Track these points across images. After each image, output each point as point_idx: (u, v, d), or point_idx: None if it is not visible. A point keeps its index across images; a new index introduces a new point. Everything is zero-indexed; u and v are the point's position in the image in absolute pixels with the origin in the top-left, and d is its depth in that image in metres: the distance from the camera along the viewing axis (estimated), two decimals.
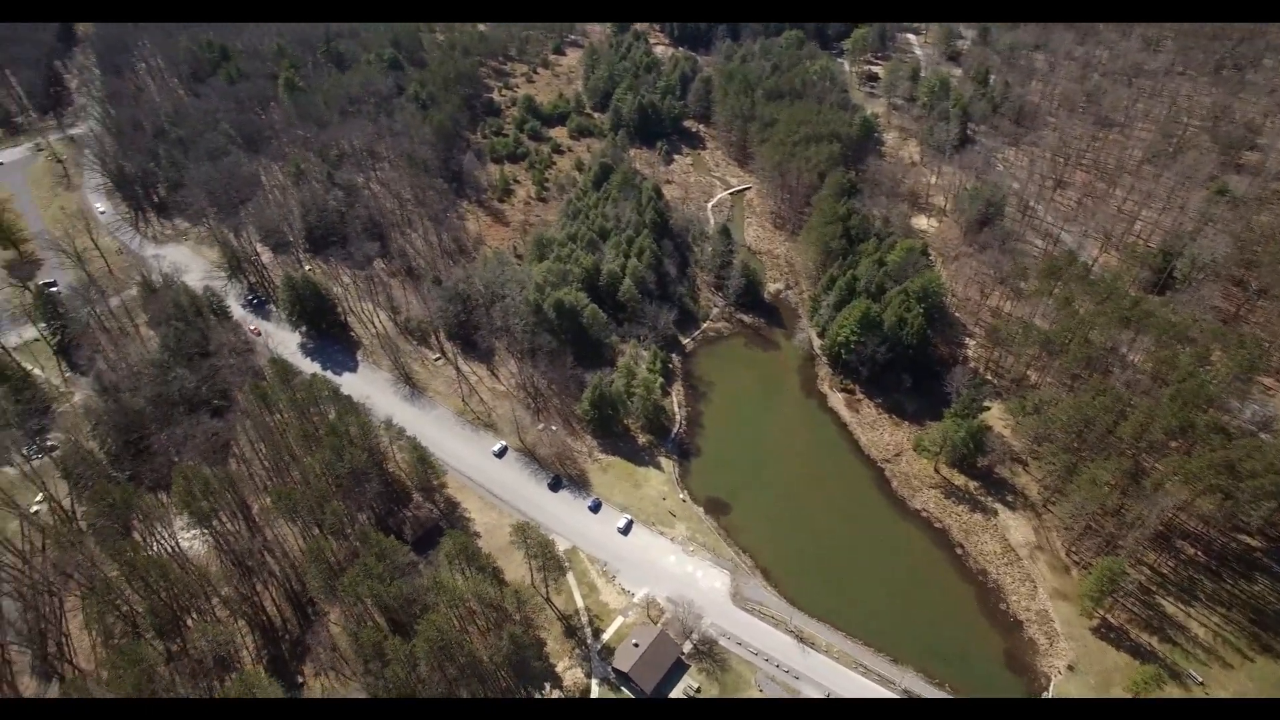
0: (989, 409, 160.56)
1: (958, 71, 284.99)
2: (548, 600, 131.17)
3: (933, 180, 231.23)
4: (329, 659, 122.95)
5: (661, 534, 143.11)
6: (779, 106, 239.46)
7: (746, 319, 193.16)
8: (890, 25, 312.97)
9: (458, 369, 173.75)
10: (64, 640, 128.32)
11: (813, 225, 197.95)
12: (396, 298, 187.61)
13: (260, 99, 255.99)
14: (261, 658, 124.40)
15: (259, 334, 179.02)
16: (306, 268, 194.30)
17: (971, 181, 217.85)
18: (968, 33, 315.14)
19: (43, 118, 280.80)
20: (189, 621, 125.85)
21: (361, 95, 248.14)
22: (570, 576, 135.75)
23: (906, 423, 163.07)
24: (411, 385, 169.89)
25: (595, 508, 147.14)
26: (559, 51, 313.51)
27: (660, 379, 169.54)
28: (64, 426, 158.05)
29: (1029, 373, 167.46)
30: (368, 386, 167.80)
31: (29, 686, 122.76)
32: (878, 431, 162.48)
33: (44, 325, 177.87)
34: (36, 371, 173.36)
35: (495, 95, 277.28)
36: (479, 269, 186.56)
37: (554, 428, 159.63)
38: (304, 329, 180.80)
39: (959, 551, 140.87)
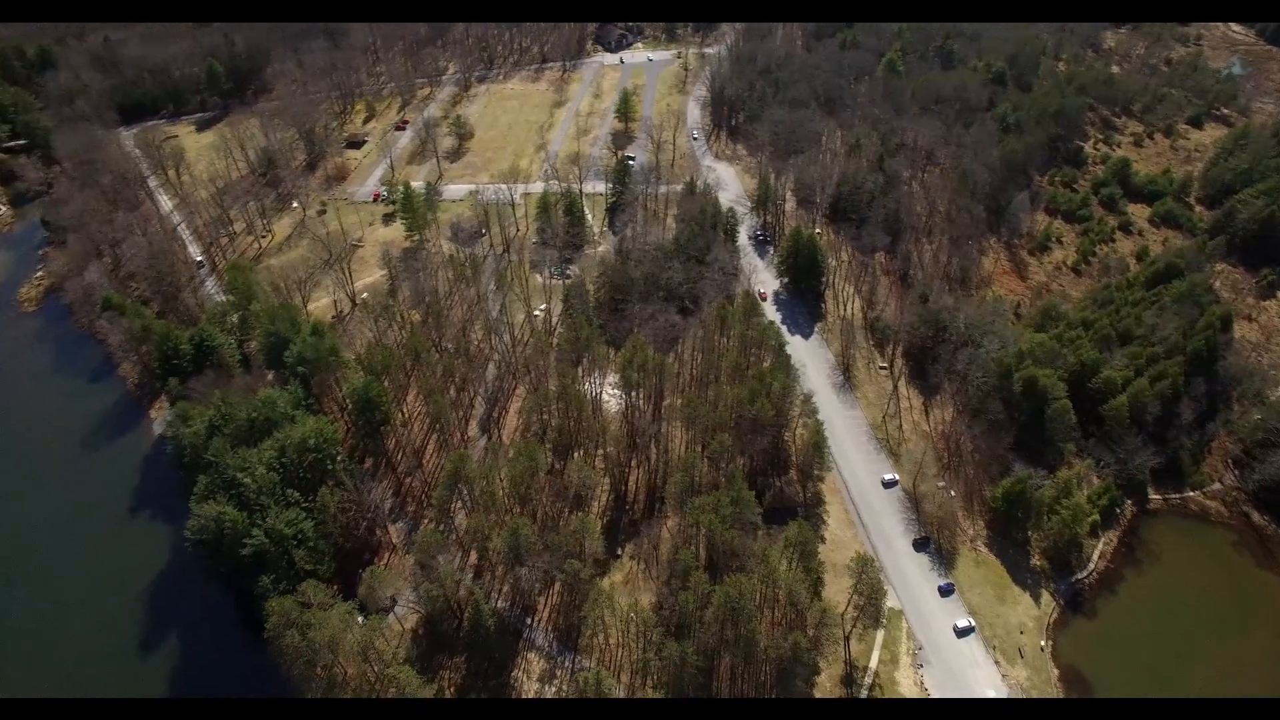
0: None
1: None
2: (845, 640, 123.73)
3: None
4: (646, 554, 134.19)
5: (997, 663, 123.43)
6: None
7: (1256, 517, 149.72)
8: None
9: (895, 387, 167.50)
10: (502, 413, 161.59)
11: None
12: (878, 294, 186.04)
13: (859, 70, 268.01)
14: (603, 516, 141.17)
15: (765, 298, 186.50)
16: (816, 230, 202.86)
17: None
18: None
19: (694, 34, 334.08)
20: (575, 455, 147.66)
21: (949, 97, 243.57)
22: (879, 635, 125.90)
23: None
24: (846, 377, 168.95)
25: (945, 591, 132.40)
26: (1195, 123, 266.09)
27: (1097, 517, 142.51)
28: (582, 265, 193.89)
29: None
30: (808, 357, 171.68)
31: (473, 431, 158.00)
32: None
33: (610, 185, 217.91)
34: (589, 217, 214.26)
35: (1088, 146, 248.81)
36: (970, 307, 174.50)
37: (953, 493, 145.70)
38: (786, 280, 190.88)
39: None
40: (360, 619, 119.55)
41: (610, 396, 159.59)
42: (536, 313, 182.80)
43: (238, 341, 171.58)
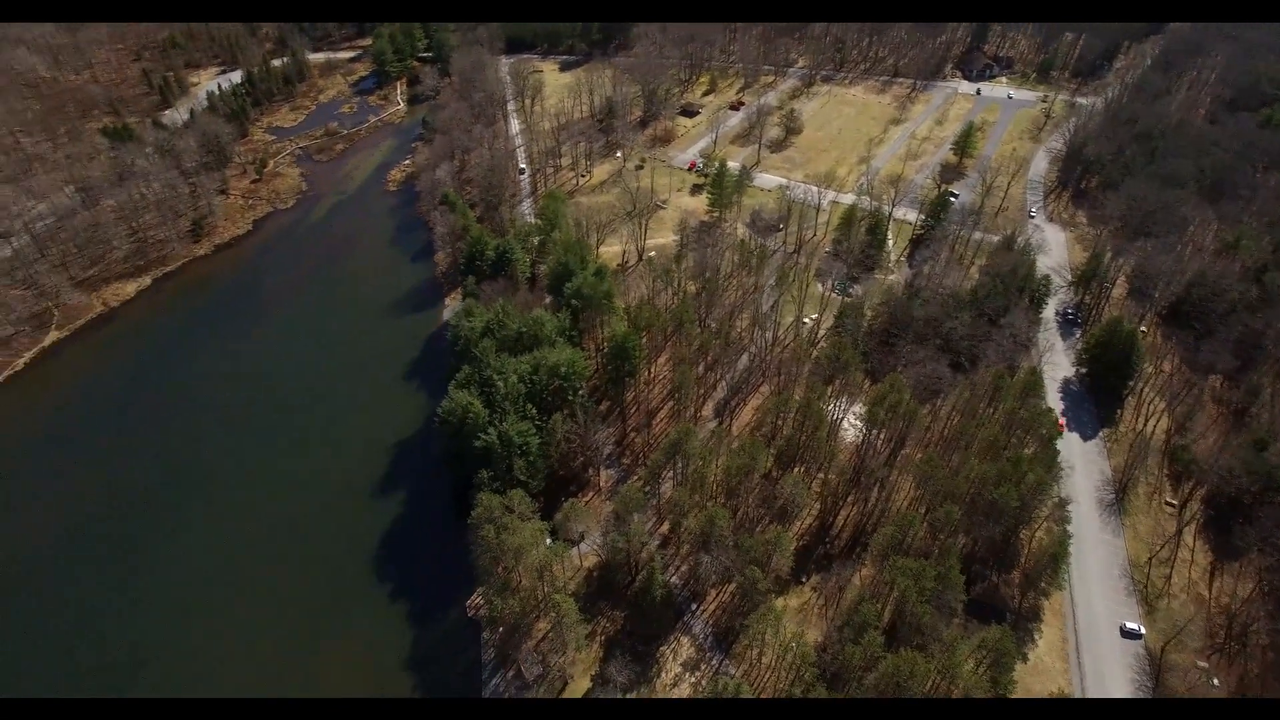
0: None
1: None
2: None
3: None
4: (830, 592, 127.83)
5: None
6: None
7: None
8: None
9: (1179, 532, 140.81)
10: (740, 405, 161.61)
11: None
12: (1195, 421, 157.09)
13: (1276, 156, 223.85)
14: (801, 538, 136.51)
15: (1063, 429, 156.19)
16: (1142, 328, 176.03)
17: None
18: None
19: (1071, 79, 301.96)
20: (795, 469, 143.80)
21: None
22: None
23: None
24: (1118, 499, 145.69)
25: None
26: None
27: None
28: (866, 287, 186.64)
29: None
30: (1080, 460, 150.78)
31: (707, 412, 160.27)
32: None
33: (923, 216, 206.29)
34: (890, 242, 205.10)
35: None
36: None
37: (1216, 682, 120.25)
38: (1083, 371, 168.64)
39: None
40: (548, 541, 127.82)
41: (850, 426, 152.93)
42: (806, 320, 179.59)
43: (531, 261, 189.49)
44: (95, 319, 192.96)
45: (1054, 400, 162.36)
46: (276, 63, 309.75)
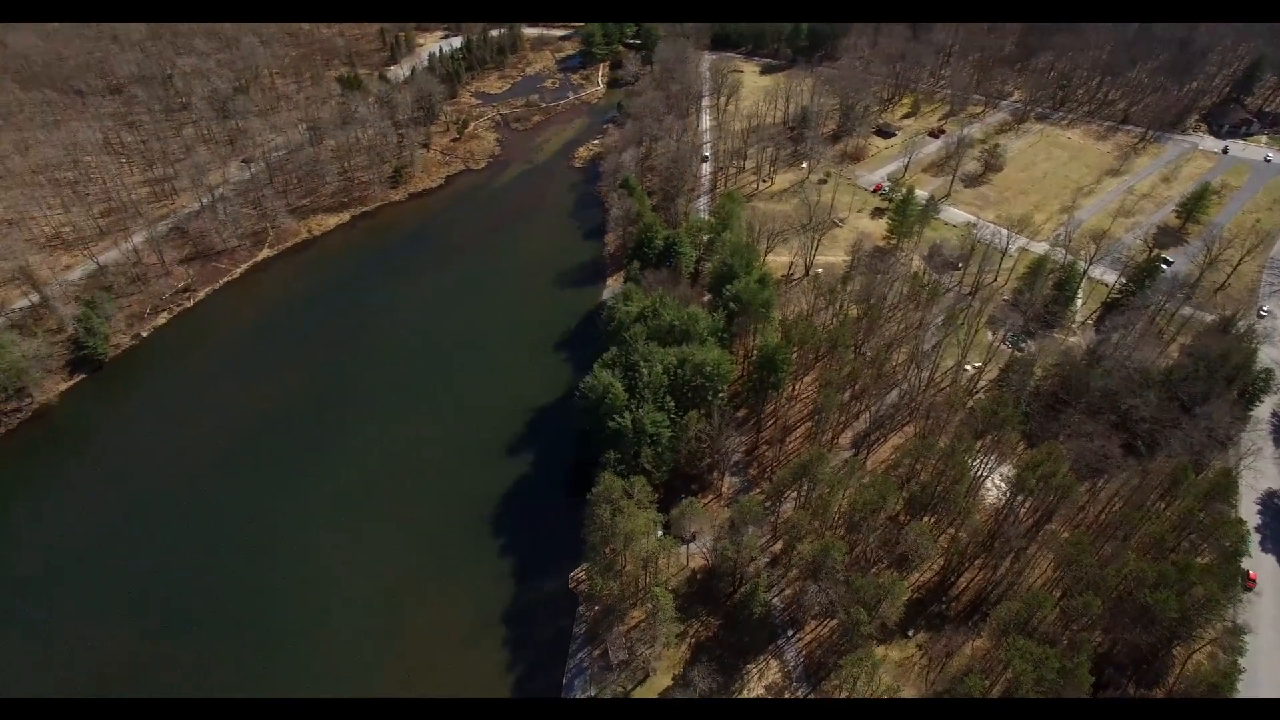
0: None
1: None
2: None
3: None
4: (936, 654, 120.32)
5: None
6: None
7: None
8: None
9: None
10: (880, 441, 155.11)
11: None
12: None
13: None
14: (916, 590, 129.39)
15: (1251, 585, 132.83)
16: None
17: None
18: None
19: None
20: (926, 519, 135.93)
21: None
22: None
23: None
24: None
25: None
26: None
27: None
28: (1041, 345, 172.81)
29: None
30: (1269, 584, 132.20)
31: (844, 440, 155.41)
32: None
33: (1124, 280, 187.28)
34: (1078, 302, 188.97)
35: None
36: None
37: None
38: None
39: None
40: (659, 533, 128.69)
41: (994, 487, 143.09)
42: (968, 367, 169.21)
43: (697, 257, 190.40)
44: (299, 243, 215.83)
45: (1248, 512, 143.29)
46: (494, 33, 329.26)
